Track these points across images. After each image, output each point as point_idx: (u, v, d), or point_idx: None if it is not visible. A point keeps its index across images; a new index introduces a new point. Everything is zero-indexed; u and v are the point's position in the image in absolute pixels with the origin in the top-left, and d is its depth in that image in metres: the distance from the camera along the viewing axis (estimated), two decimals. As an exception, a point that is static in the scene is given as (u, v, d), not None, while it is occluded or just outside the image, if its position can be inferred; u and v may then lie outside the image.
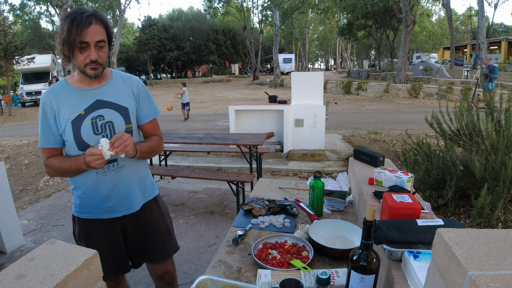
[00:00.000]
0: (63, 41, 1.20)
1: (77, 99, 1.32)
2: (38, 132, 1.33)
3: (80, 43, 1.19)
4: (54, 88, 1.33)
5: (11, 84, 17.08)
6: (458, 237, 0.63)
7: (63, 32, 1.19)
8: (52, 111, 1.30)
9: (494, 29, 39.72)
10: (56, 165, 1.32)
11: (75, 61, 1.25)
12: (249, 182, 3.53)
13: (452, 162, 3.09)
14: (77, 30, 1.17)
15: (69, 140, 1.31)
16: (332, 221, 1.43)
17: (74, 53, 1.22)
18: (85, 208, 1.41)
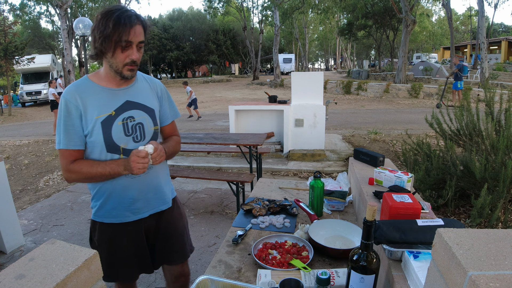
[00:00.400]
0: (104, 37, 1.15)
1: (106, 99, 1.26)
2: (57, 132, 1.23)
3: (125, 41, 1.16)
4: (78, 86, 1.25)
5: (11, 84, 17.08)
6: (458, 237, 0.63)
7: (106, 28, 1.14)
8: (78, 110, 1.21)
9: (494, 29, 39.72)
10: (85, 169, 1.22)
11: (113, 60, 1.20)
12: (249, 182, 3.53)
13: (452, 162, 3.09)
14: (124, 28, 1.14)
15: (97, 141, 1.24)
16: (332, 221, 1.43)
17: (114, 52, 1.18)
18: (110, 212, 1.35)
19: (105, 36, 1.15)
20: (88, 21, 7.29)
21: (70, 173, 1.24)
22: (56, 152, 7.04)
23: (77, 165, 1.23)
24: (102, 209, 1.36)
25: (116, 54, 1.19)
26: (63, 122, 1.21)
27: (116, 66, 1.22)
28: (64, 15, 18.05)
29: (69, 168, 1.24)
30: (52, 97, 9.08)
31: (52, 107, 9.07)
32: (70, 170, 1.24)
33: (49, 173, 5.73)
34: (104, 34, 1.14)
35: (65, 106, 1.21)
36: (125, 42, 1.16)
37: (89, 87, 1.26)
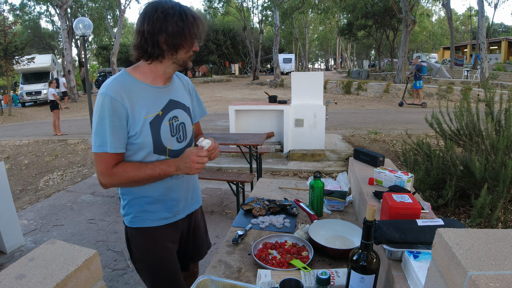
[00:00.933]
0: (181, 32, 1.09)
1: (152, 98, 1.18)
2: (98, 133, 1.09)
3: (196, 37, 1.16)
4: (122, 82, 1.14)
5: (11, 84, 17.08)
6: (458, 237, 0.63)
7: (183, 22, 1.08)
8: (124, 109, 1.10)
9: (494, 29, 39.72)
10: (132, 172, 1.12)
11: (179, 55, 1.14)
12: (249, 182, 3.53)
13: (452, 162, 3.09)
14: (199, 23, 1.13)
15: (146, 143, 1.16)
16: (332, 221, 1.43)
17: (186, 46, 1.13)
18: (152, 216, 1.28)
19: (183, 33, 1.09)
20: (88, 21, 7.27)
21: (112, 177, 1.12)
22: (56, 152, 7.04)
23: (121, 168, 1.13)
24: (144, 213, 1.27)
25: (186, 48, 1.14)
26: (110, 122, 1.09)
27: (183, 61, 1.17)
28: (64, 15, 18.06)
29: (111, 171, 1.12)
30: (52, 97, 9.08)
31: (52, 107, 9.07)
32: (112, 174, 1.12)
33: (49, 173, 5.73)
34: (183, 30, 1.09)
35: (110, 104, 1.08)
36: (198, 38, 1.16)
37: (134, 85, 1.16)
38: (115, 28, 23.57)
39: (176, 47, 1.11)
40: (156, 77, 1.19)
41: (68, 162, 6.35)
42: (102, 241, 3.17)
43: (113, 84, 1.12)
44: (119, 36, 19.36)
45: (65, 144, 7.84)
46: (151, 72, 1.18)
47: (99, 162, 1.12)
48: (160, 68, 1.17)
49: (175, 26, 1.08)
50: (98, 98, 1.11)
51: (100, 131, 1.10)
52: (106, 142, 1.09)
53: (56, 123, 9.08)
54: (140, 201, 1.26)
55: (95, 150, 1.11)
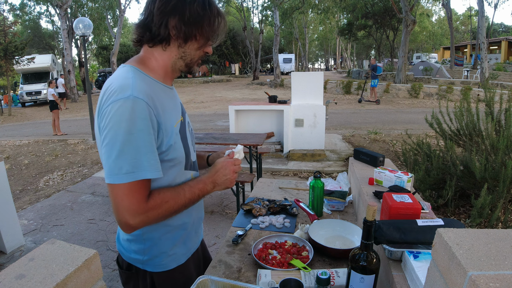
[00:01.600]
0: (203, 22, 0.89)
1: (171, 100, 0.98)
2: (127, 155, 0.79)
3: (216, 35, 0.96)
4: (145, 81, 0.88)
5: (11, 84, 17.08)
6: (458, 237, 0.63)
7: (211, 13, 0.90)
8: (154, 119, 0.85)
9: (494, 29, 39.72)
10: (172, 201, 0.88)
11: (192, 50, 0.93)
12: (249, 182, 3.53)
13: (452, 162, 3.09)
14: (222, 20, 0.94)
15: (179, 158, 0.95)
16: (332, 221, 1.43)
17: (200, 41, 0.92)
18: (181, 248, 1.07)
19: (203, 22, 0.89)
20: (88, 21, 7.28)
21: (148, 213, 0.83)
22: (56, 152, 7.03)
23: (159, 198, 0.86)
24: (174, 249, 1.04)
25: (199, 45, 0.94)
26: (146, 136, 0.81)
27: (191, 59, 0.95)
28: (64, 15, 18.06)
29: (147, 206, 0.83)
30: (51, 97, 9.08)
31: (52, 107, 9.07)
32: (148, 209, 0.83)
33: (49, 173, 5.73)
34: (203, 19, 0.89)
35: (144, 112, 0.81)
36: (217, 36, 0.96)
37: (154, 85, 0.92)
38: (115, 28, 23.58)
39: (187, 36, 0.90)
40: (165, 74, 0.97)
41: (68, 162, 6.35)
42: (102, 241, 3.17)
43: (138, 84, 0.84)
44: (119, 36, 19.37)
45: (65, 144, 7.84)
46: (160, 68, 0.95)
47: (128, 195, 0.80)
48: (168, 61, 0.94)
49: (193, 11, 0.87)
50: (122, 104, 0.79)
51: (129, 151, 0.79)
52: (142, 164, 0.80)
53: (56, 123, 9.08)
54: (177, 233, 1.03)
55: (122, 180, 0.79)
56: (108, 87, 0.86)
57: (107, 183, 0.81)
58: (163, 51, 0.93)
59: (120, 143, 0.79)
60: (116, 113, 0.79)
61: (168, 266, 1.04)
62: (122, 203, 0.80)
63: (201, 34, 0.91)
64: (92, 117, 7.69)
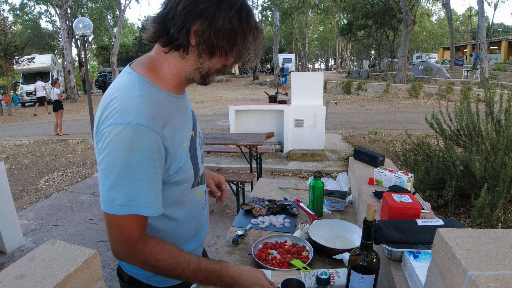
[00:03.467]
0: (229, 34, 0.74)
1: (182, 114, 0.88)
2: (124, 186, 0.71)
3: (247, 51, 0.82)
4: (151, 100, 0.76)
5: (11, 84, 17.08)
6: (458, 237, 0.63)
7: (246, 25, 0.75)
8: (161, 145, 0.76)
9: (494, 29, 39.73)
10: (164, 264, 0.79)
11: (210, 63, 0.79)
12: (249, 182, 3.53)
13: (452, 162, 3.09)
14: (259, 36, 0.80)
15: (186, 178, 0.87)
16: (332, 221, 1.43)
17: (228, 56, 0.80)
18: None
19: (236, 36, 0.75)
20: (88, 21, 7.28)
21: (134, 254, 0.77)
22: (56, 152, 7.04)
23: (153, 250, 0.77)
24: None
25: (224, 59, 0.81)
26: (148, 169, 0.73)
27: (207, 71, 0.82)
28: (64, 15, 18.07)
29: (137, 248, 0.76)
30: (56, 97, 9.05)
31: (57, 107, 9.03)
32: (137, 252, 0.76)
33: (49, 173, 5.74)
34: (237, 33, 0.75)
35: (147, 141, 0.72)
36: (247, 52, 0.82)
37: (163, 100, 0.80)
38: (115, 28, 23.56)
39: (213, 50, 0.76)
40: (178, 84, 0.84)
41: (68, 162, 6.35)
42: (102, 241, 3.17)
43: (144, 106, 0.73)
44: (119, 36, 19.37)
45: (65, 144, 7.84)
46: (172, 76, 0.82)
47: (118, 227, 0.74)
48: (182, 71, 0.81)
49: (227, 22, 0.73)
50: (121, 130, 0.70)
51: (124, 184, 0.71)
52: (138, 200, 0.73)
53: (59, 123, 9.08)
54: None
55: (115, 211, 0.73)
56: (110, 100, 0.74)
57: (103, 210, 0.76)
58: (181, 59, 0.79)
59: (116, 173, 0.71)
60: (114, 139, 0.70)
61: (174, 281, 0.96)
62: (112, 233, 0.76)
63: (231, 49, 0.77)
64: (92, 117, 7.69)
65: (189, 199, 0.93)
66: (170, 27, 0.74)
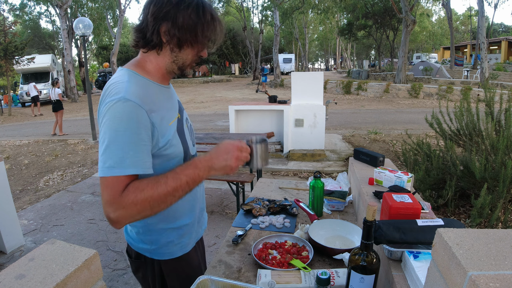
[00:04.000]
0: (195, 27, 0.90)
1: (167, 100, 1.02)
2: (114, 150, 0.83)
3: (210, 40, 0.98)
4: (138, 84, 0.91)
5: (11, 84, 17.08)
6: (458, 237, 0.63)
7: (202, 18, 0.91)
8: (147, 118, 0.88)
9: (494, 29, 39.74)
10: (150, 190, 0.84)
11: (184, 55, 0.95)
12: (249, 182, 3.53)
13: (452, 162, 3.09)
14: (218, 26, 0.95)
15: (176, 153, 0.99)
16: (332, 221, 1.43)
17: (194, 48, 0.95)
18: (186, 238, 1.12)
19: (196, 28, 0.91)
20: (88, 21, 7.28)
21: (126, 207, 0.82)
22: (56, 152, 7.04)
23: (131, 189, 0.83)
24: (178, 240, 1.09)
25: (193, 50, 0.96)
26: (134, 134, 0.84)
27: (183, 63, 0.98)
28: (64, 15, 18.07)
29: (123, 199, 0.82)
30: (57, 97, 9.05)
31: (57, 108, 9.03)
32: (125, 202, 0.82)
33: (49, 173, 5.74)
34: (196, 25, 0.90)
35: (134, 113, 0.85)
36: (211, 41, 0.98)
37: (149, 86, 0.96)
38: (115, 28, 23.58)
39: (180, 42, 0.92)
40: (162, 76, 1.01)
41: (68, 162, 6.35)
42: (102, 241, 3.17)
43: (131, 87, 0.88)
44: (119, 36, 19.37)
45: (65, 144, 7.84)
46: (155, 70, 0.99)
47: (107, 188, 0.82)
48: (163, 65, 0.98)
49: (186, 19, 0.89)
50: (113, 105, 0.84)
51: (113, 148, 0.82)
52: (124, 161, 0.82)
53: (59, 123, 9.08)
54: (178, 224, 1.07)
55: (104, 174, 0.82)
56: (106, 89, 0.91)
57: (101, 179, 0.85)
58: (158, 55, 0.97)
59: (108, 139, 0.83)
60: (108, 113, 0.85)
61: (175, 254, 1.09)
62: (103, 195, 0.83)
63: (195, 40, 0.93)
64: (92, 117, 7.69)
65: None
66: (146, 32, 0.92)
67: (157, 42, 0.92)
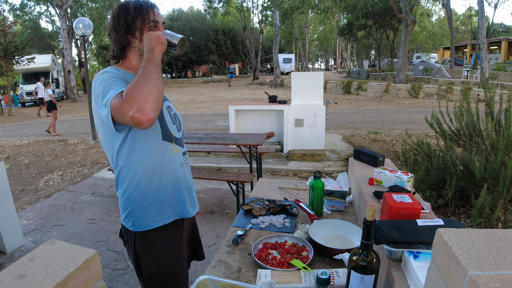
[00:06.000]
0: (128, 23, 1.15)
1: None
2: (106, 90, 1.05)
3: (152, 21, 1.16)
4: (121, 72, 1.16)
5: (11, 84, 17.08)
6: (458, 237, 0.63)
7: (128, 15, 1.15)
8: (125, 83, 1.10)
9: (494, 29, 39.74)
10: (134, 83, 1.01)
11: (140, 45, 1.17)
12: (249, 182, 3.53)
13: (452, 162, 3.09)
14: (147, 9, 1.16)
15: (154, 126, 1.16)
16: (332, 221, 1.43)
17: (142, 34, 1.16)
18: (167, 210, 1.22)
19: (128, 22, 1.15)
20: (88, 21, 7.28)
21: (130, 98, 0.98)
22: (56, 152, 7.05)
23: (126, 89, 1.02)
24: (162, 209, 1.20)
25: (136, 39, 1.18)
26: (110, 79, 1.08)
27: (139, 49, 1.20)
28: (64, 15, 18.07)
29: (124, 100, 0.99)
30: (49, 98, 9.08)
31: (50, 108, 9.06)
32: (128, 96, 0.98)
33: (49, 173, 5.73)
34: (127, 20, 1.14)
35: (115, 73, 1.11)
36: (152, 22, 1.16)
37: (127, 75, 1.16)
38: (115, 28, 23.51)
39: (129, 40, 1.18)
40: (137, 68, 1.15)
41: (68, 162, 6.35)
42: (102, 241, 3.17)
43: (114, 70, 1.14)
44: (119, 36, 19.32)
45: (65, 144, 7.84)
46: (132, 66, 1.22)
47: (114, 104, 1.00)
48: (134, 60, 1.21)
49: (121, 21, 1.15)
50: (100, 74, 1.11)
51: (106, 90, 1.04)
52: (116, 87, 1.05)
53: (52, 123, 9.10)
54: (158, 200, 1.19)
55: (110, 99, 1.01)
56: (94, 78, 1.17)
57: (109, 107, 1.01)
58: (127, 57, 1.22)
59: (102, 90, 1.05)
60: (97, 77, 1.11)
61: (155, 225, 1.19)
62: (115, 107, 0.99)
63: (130, 30, 1.16)
64: (92, 117, 7.69)
65: (162, 149, 1.19)
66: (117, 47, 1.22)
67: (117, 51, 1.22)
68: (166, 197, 1.21)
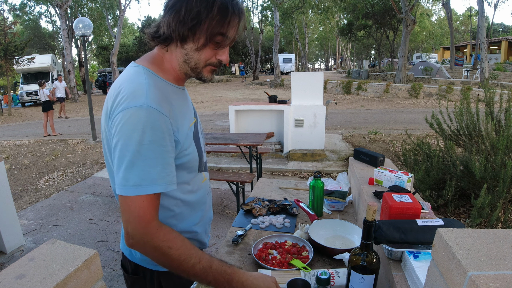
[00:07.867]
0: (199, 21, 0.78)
1: (183, 102, 0.94)
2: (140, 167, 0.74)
3: (223, 36, 0.82)
4: (157, 87, 0.82)
5: (11, 84, 17.08)
6: (458, 237, 0.63)
7: (206, 9, 0.78)
8: (170, 127, 0.80)
9: (494, 29, 39.74)
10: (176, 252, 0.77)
11: (194, 54, 0.84)
12: (249, 182, 3.53)
13: (452, 162, 3.09)
14: (232, 19, 0.81)
15: (191, 161, 0.91)
16: (332, 221, 1.43)
17: (203, 45, 0.82)
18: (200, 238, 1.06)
19: (200, 19, 0.78)
20: (88, 21, 7.28)
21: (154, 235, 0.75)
22: (56, 152, 7.03)
23: (164, 236, 0.77)
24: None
25: (203, 49, 0.83)
26: (160, 147, 0.77)
27: (195, 64, 0.86)
28: (64, 15, 18.08)
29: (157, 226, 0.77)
30: (46, 98, 9.10)
31: (46, 108, 9.07)
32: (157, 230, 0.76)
33: (49, 173, 5.73)
34: (201, 16, 0.78)
35: (159, 122, 0.76)
36: (223, 36, 0.82)
37: (167, 88, 0.87)
38: (115, 28, 23.58)
39: (183, 34, 0.80)
40: (177, 76, 0.91)
41: (68, 162, 6.35)
42: (102, 241, 3.17)
43: (153, 91, 0.79)
44: (119, 36, 19.36)
45: (65, 144, 7.84)
46: (171, 69, 0.89)
47: (133, 207, 0.74)
48: (175, 64, 0.87)
49: (190, 6, 0.78)
50: (134, 113, 0.74)
51: (138, 163, 0.74)
52: (151, 177, 0.75)
53: (50, 123, 9.12)
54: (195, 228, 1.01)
55: (129, 193, 0.74)
56: (119, 90, 0.79)
57: (118, 194, 0.78)
58: (168, 51, 0.87)
59: (130, 153, 0.74)
60: (128, 122, 0.74)
61: None
62: (126, 215, 0.75)
63: (195, 29, 0.80)
64: (92, 117, 7.69)
65: (198, 184, 0.98)
66: (167, 31, 0.83)
67: (164, 35, 0.83)
68: (194, 231, 1.02)
